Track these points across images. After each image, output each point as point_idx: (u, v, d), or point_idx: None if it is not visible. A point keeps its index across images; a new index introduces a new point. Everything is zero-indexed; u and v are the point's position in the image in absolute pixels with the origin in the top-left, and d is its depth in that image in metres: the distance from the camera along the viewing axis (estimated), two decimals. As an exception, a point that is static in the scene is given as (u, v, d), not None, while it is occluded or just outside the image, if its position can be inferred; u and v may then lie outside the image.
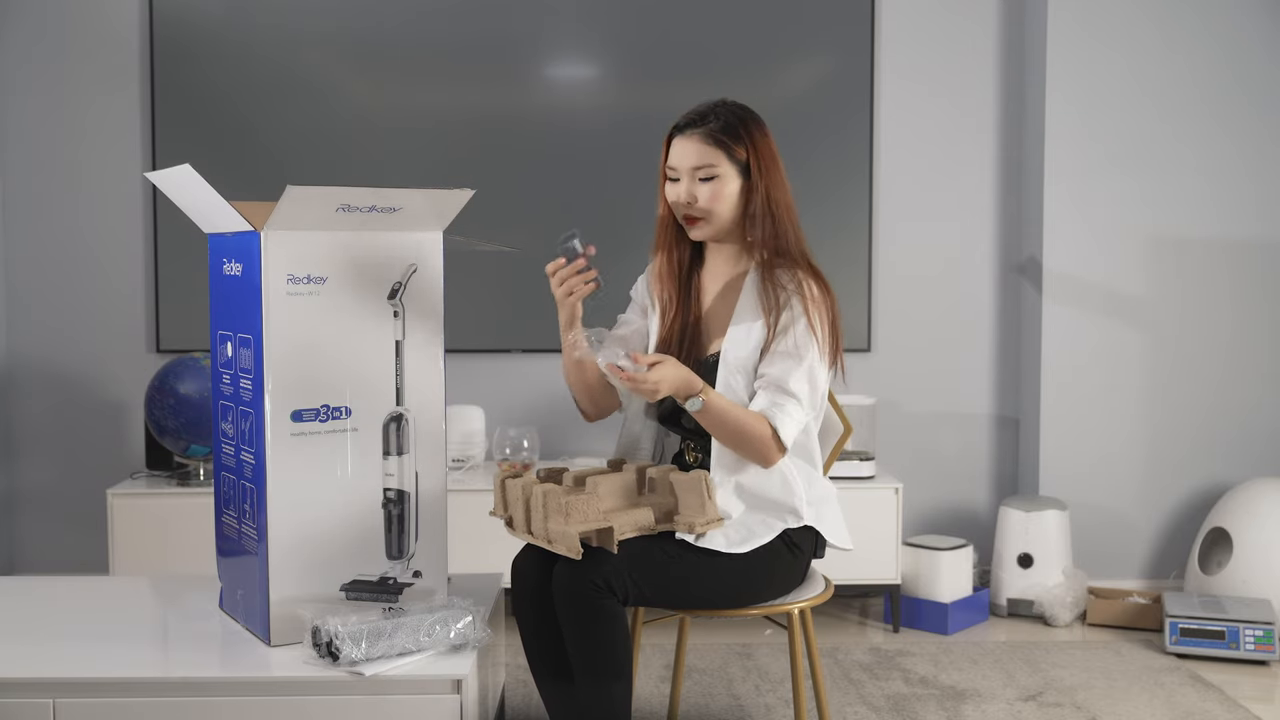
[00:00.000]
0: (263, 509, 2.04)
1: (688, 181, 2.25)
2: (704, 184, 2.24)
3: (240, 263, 2.06)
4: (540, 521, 2.11)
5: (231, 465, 2.15)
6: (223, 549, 2.24)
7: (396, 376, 2.14)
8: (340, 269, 2.06)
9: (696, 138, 2.24)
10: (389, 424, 2.14)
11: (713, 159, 2.23)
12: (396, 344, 2.14)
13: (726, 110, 2.26)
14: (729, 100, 2.30)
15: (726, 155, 2.23)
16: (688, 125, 2.26)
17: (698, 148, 2.24)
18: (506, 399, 3.94)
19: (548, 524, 2.08)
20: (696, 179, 2.25)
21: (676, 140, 2.27)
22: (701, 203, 2.25)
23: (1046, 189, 3.90)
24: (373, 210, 2.04)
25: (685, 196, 2.26)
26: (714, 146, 2.23)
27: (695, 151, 2.24)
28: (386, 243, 2.11)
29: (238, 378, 2.10)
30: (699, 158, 2.24)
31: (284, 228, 1.99)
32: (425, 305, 2.16)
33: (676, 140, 2.27)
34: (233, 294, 2.10)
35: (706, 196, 2.24)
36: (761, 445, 2.18)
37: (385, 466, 2.14)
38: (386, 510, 2.15)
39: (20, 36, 3.87)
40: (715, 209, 2.25)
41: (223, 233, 2.12)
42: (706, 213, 2.26)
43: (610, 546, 2.04)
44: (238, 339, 2.09)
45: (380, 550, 2.15)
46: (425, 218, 2.12)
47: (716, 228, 2.28)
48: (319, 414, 2.07)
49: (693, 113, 2.28)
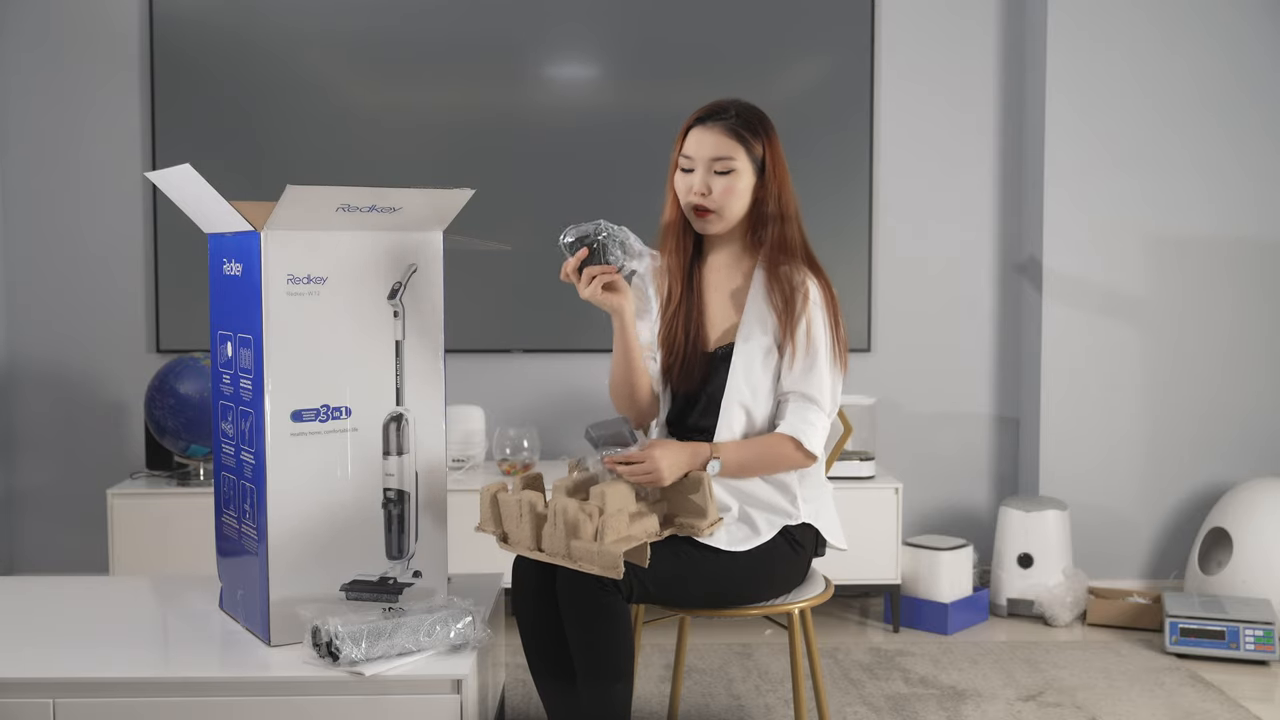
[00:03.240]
0: (263, 509, 2.04)
1: (703, 173, 2.25)
2: (719, 177, 2.24)
3: (240, 263, 2.06)
4: (559, 540, 2.04)
5: (232, 465, 2.15)
6: (223, 549, 2.24)
7: (396, 376, 2.14)
8: (340, 269, 2.06)
9: (718, 129, 2.24)
10: (389, 424, 2.14)
11: (731, 151, 2.23)
12: (397, 344, 2.14)
13: (745, 108, 2.28)
14: (744, 100, 2.31)
15: (745, 150, 2.24)
16: (708, 116, 2.26)
17: (717, 139, 2.23)
18: (506, 399, 3.94)
19: (571, 541, 2.02)
20: (712, 171, 2.24)
21: (695, 130, 2.26)
22: (716, 195, 2.24)
23: (1046, 189, 3.90)
24: (373, 210, 2.04)
25: (700, 187, 2.25)
26: (734, 139, 2.23)
27: (715, 142, 2.23)
28: (387, 243, 2.11)
29: (238, 378, 2.10)
30: (718, 149, 2.23)
31: (284, 228, 1.99)
32: (425, 305, 2.16)
33: (695, 130, 2.26)
34: (233, 294, 2.10)
35: (721, 190, 2.24)
36: (791, 462, 2.23)
37: (385, 466, 2.14)
38: (386, 510, 2.15)
39: (20, 36, 3.87)
40: (728, 203, 2.25)
41: (223, 233, 2.12)
42: (719, 206, 2.25)
43: (642, 562, 2.01)
44: (238, 339, 2.09)
45: (380, 550, 2.15)
46: (425, 218, 2.12)
47: (727, 222, 2.28)
48: (319, 414, 2.07)
49: (713, 105, 2.28)
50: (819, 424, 2.22)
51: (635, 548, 2.00)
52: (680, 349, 2.32)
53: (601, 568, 1.98)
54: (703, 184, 2.25)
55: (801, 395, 2.23)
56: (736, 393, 2.25)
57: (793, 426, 2.21)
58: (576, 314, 3.87)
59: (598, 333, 2.41)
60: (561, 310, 3.92)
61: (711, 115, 2.26)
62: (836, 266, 4.05)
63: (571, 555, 2.02)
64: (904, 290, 4.04)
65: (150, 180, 3.84)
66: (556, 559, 2.05)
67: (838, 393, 2.28)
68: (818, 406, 2.22)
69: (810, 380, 2.22)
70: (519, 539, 2.12)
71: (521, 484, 2.19)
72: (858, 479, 3.59)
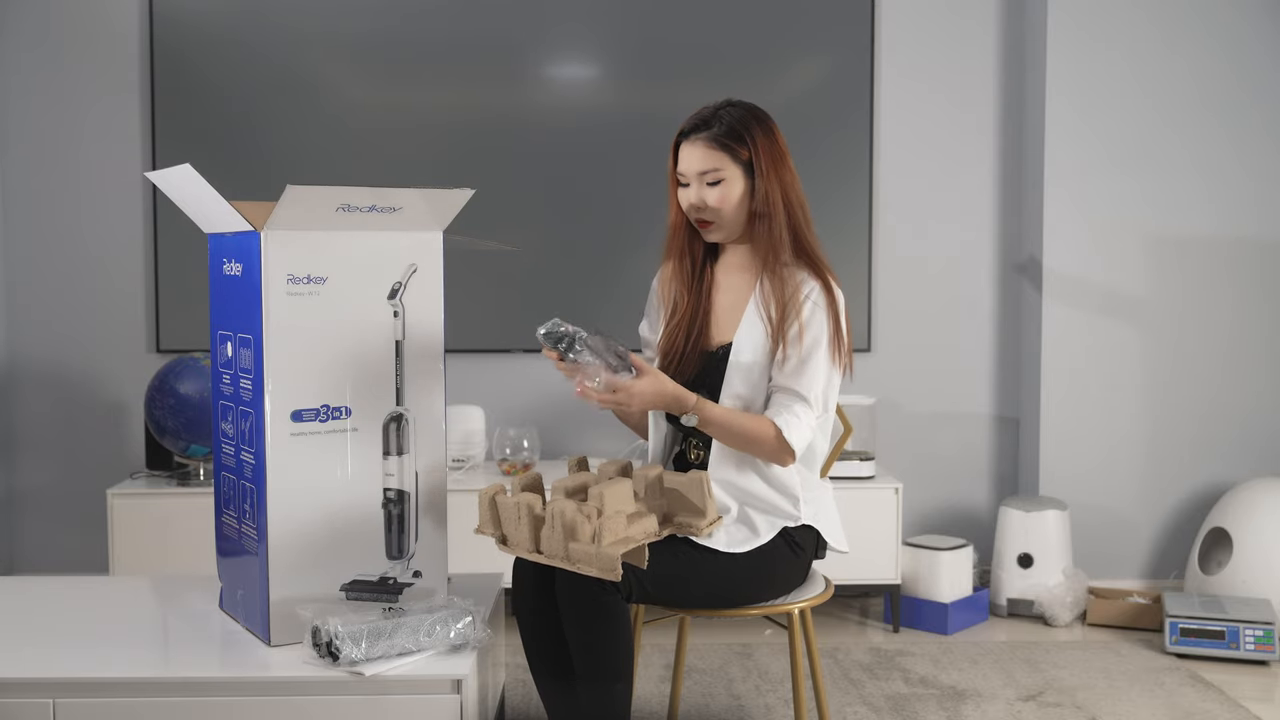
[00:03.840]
0: (263, 509, 2.04)
1: (697, 187, 2.27)
2: (711, 188, 2.26)
3: (240, 263, 2.06)
4: (558, 541, 2.04)
5: (232, 465, 2.15)
6: (223, 549, 2.24)
7: (397, 376, 2.14)
8: (340, 269, 2.06)
9: (700, 143, 2.25)
10: (389, 424, 2.14)
11: (717, 163, 2.24)
12: (396, 344, 2.14)
13: (729, 112, 2.27)
14: (734, 100, 2.30)
15: (731, 158, 2.25)
16: (692, 130, 2.27)
17: (703, 153, 2.25)
18: (506, 399, 3.94)
19: (569, 544, 2.02)
20: (704, 183, 2.26)
21: (683, 146, 2.29)
22: (711, 206, 2.27)
23: (1046, 189, 3.90)
24: (373, 210, 2.04)
25: (695, 200, 2.28)
26: (718, 150, 2.24)
27: (700, 157, 2.25)
28: (387, 243, 2.11)
29: (238, 378, 2.10)
30: (704, 163, 2.25)
31: (284, 228, 1.99)
32: (425, 305, 2.16)
33: (683, 146, 2.29)
34: (233, 294, 2.10)
35: (714, 200, 2.26)
36: (769, 449, 2.21)
37: (385, 466, 2.14)
38: (386, 510, 2.15)
39: (20, 37, 3.86)
40: (723, 210, 2.27)
41: (223, 233, 2.12)
42: (716, 216, 2.28)
43: (640, 564, 2.01)
44: (238, 339, 2.09)
45: (380, 550, 2.15)
46: (425, 218, 2.12)
47: (729, 229, 2.30)
48: (319, 414, 2.07)
49: (696, 117, 2.29)
50: (805, 420, 2.20)
51: (633, 549, 2.00)
52: (679, 350, 2.33)
53: (599, 570, 1.97)
54: (698, 198, 2.27)
55: (789, 391, 2.22)
56: (731, 388, 2.25)
57: (777, 415, 2.20)
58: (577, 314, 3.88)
59: (597, 333, 2.41)
60: (563, 310, 3.91)
61: (694, 128, 2.27)
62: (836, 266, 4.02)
63: (570, 557, 2.02)
64: (904, 290, 4.04)
65: (150, 180, 3.84)
66: (555, 561, 2.04)
67: (832, 394, 2.27)
68: (806, 403, 2.21)
69: (801, 378, 2.21)
70: (518, 541, 2.11)
71: (520, 485, 2.19)
72: (858, 479, 3.59)
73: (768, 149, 2.26)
